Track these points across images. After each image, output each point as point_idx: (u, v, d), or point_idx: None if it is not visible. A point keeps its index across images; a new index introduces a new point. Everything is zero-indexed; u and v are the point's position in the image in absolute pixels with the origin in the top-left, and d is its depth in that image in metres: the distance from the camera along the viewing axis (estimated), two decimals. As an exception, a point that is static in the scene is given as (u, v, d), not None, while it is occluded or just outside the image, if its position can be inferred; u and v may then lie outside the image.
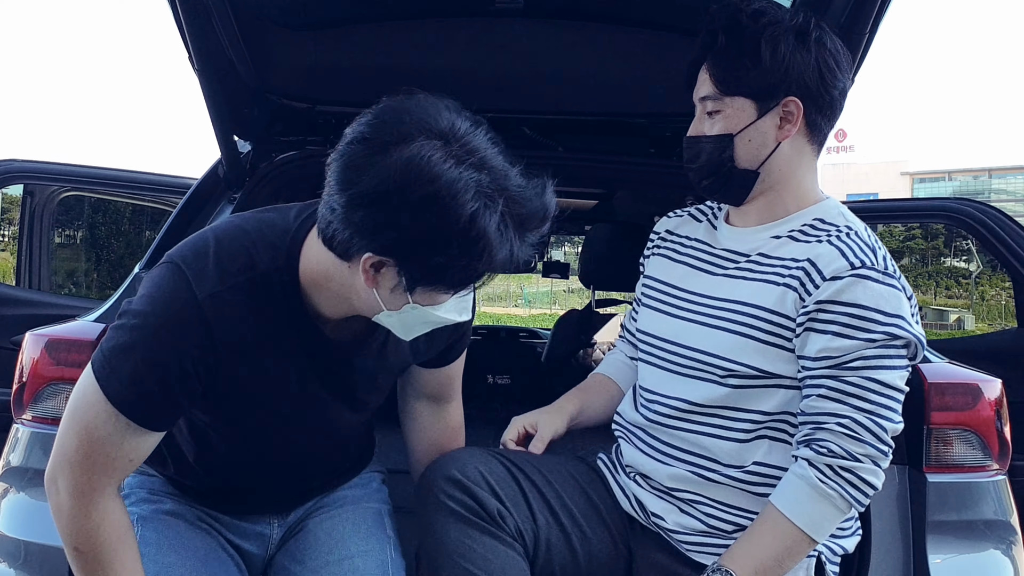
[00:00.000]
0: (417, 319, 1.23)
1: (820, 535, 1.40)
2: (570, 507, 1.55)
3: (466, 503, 1.45)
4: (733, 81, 1.47)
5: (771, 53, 1.43)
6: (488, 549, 1.45)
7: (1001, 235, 3.18)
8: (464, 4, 1.94)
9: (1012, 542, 1.72)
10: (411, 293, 1.18)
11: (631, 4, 1.91)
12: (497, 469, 1.52)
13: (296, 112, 2.18)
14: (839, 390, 1.37)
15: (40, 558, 1.65)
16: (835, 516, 1.39)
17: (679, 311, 1.55)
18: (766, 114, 1.46)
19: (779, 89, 1.45)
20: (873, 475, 1.38)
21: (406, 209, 1.10)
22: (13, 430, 1.80)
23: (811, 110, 1.46)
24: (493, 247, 1.13)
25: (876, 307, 1.37)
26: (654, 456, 1.54)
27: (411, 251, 1.13)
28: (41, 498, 1.73)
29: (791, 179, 1.51)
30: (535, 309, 24.85)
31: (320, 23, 2.01)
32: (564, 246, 13.14)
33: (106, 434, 1.23)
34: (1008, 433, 1.77)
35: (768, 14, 1.46)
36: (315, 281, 1.24)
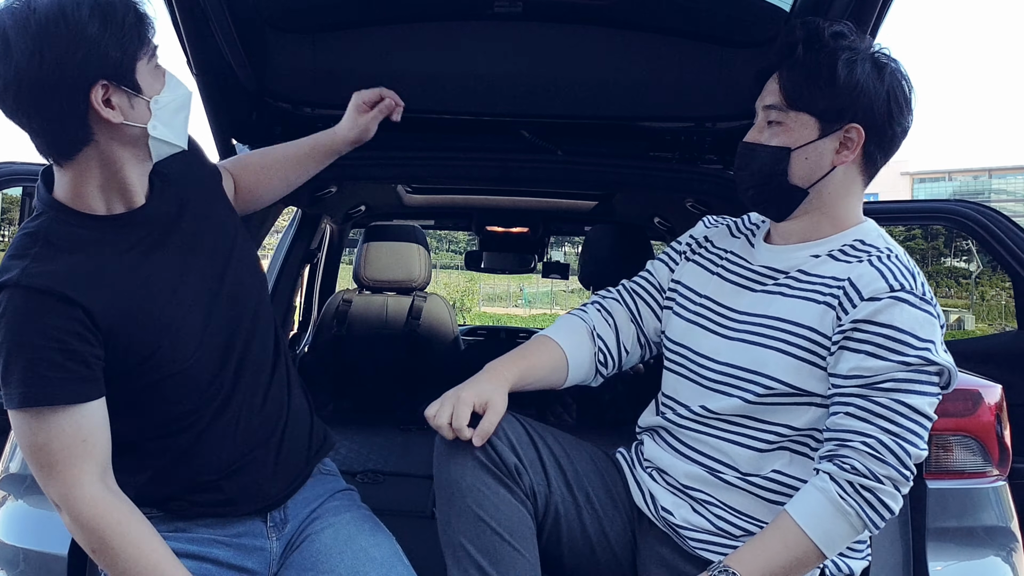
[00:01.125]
0: (166, 108, 1.35)
1: (831, 551, 1.39)
2: (586, 486, 1.57)
3: (486, 451, 1.47)
4: (802, 96, 1.46)
5: (846, 76, 1.42)
6: (501, 499, 1.46)
7: (1001, 237, 3.17)
8: (463, 8, 1.94)
9: (1012, 549, 1.72)
10: (140, 91, 1.32)
11: (630, 8, 1.91)
12: (519, 431, 1.53)
13: (295, 115, 2.18)
14: (867, 409, 1.36)
15: (38, 565, 1.65)
16: (849, 534, 1.38)
17: (715, 326, 1.55)
18: (827, 136, 1.45)
19: (845, 113, 1.44)
20: (892, 499, 1.36)
21: (29, 50, 1.24)
22: (11, 438, 1.80)
23: (871, 140, 1.45)
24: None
25: (911, 331, 1.36)
26: (673, 453, 1.55)
27: (102, 63, 1.27)
28: (40, 505, 1.74)
29: (837, 204, 1.50)
30: (535, 309, 24.85)
31: (318, 27, 2.00)
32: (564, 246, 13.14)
33: (44, 436, 1.28)
34: (1008, 438, 1.76)
35: (848, 37, 1.46)
36: (80, 192, 1.35)
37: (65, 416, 1.28)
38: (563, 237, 8.99)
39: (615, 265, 3.27)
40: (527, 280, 25.34)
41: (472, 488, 1.45)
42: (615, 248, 3.31)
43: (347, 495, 1.63)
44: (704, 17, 1.93)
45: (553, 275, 4.90)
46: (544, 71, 2.06)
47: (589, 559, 1.57)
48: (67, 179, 1.36)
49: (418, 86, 2.10)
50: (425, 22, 2.00)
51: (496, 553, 1.44)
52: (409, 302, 3.34)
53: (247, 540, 1.50)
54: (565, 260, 8.00)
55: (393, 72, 2.06)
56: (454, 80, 2.09)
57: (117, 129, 1.32)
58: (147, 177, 1.42)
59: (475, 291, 25.32)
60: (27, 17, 1.25)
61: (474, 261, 4.44)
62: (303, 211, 3.24)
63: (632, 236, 3.35)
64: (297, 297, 3.65)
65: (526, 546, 1.47)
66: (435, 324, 3.32)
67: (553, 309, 23.16)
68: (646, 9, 1.93)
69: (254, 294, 1.54)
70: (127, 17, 1.29)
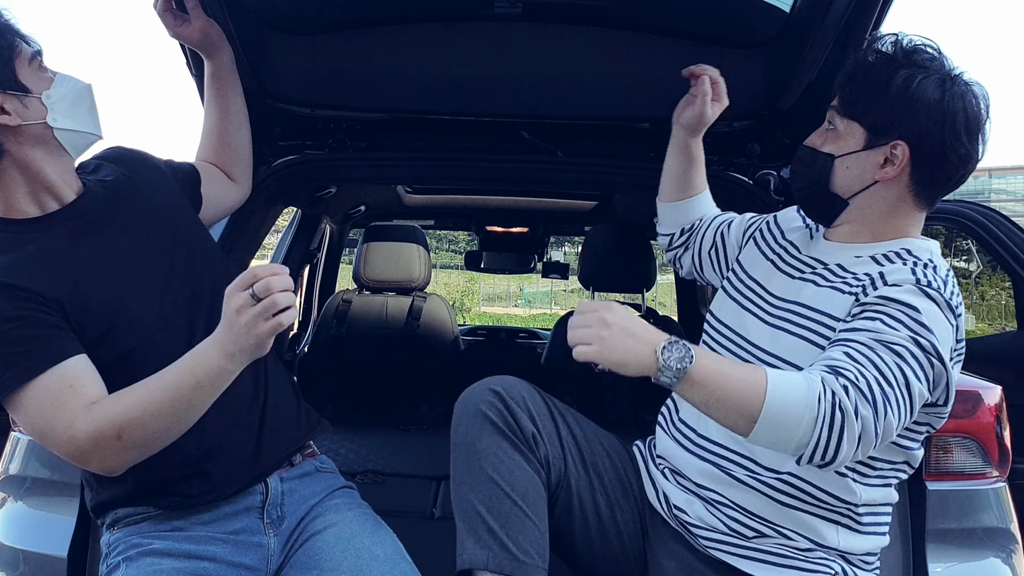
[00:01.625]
0: (61, 100, 1.43)
1: (764, 424, 1.23)
2: (600, 470, 1.58)
3: (504, 417, 1.49)
4: (855, 105, 1.43)
5: (899, 91, 1.38)
6: (516, 465, 1.48)
7: (1001, 237, 3.18)
8: (463, 8, 1.93)
9: (1012, 550, 1.72)
10: (28, 91, 1.39)
11: (629, 9, 1.90)
12: (539, 403, 1.55)
13: (295, 117, 2.17)
14: (868, 358, 1.27)
15: (38, 566, 1.65)
16: (792, 429, 1.23)
17: (752, 306, 1.55)
18: (872, 148, 1.42)
19: (892, 129, 1.40)
20: (849, 443, 1.23)
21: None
22: (12, 439, 1.80)
23: (919, 163, 1.40)
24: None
25: (927, 323, 1.30)
26: (688, 447, 1.55)
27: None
28: (39, 507, 1.74)
29: (881, 221, 1.47)
30: (535, 309, 24.83)
31: (319, 28, 2.00)
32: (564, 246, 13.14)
33: (35, 406, 1.32)
34: (1008, 439, 1.76)
35: (923, 55, 1.41)
36: (11, 203, 1.43)
37: (43, 379, 1.31)
38: (563, 237, 8.99)
39: (615, 265, 3.27)
40: (527, 280, 25.33)
41: (489, 452, 1.47)
42: (615, 248, 3.31)
43: (347, 493, 1.63)
44: (704, 18, 1.93)
45: (553, 275, 4.90)
46: (544, 72, 2.05)
47: (600, 542, 1.58)
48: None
49: (418, 87, 2.10)
50: (425, 23, 2.00)
51: (508, 517, 1.45)
52: (409, 302, 3.34)
53: (244, 537, 1.50)
54: (565, 260, 8.00)
55: (393, 73, 2.06)
56: (454, 81, 2.08)
57: (20, 132, 1.40)
58: (72, 173, 1.50)
59: (475, 291, 25.30)
60: None
61: (474, 261, 4.44)
62: (303, 211, 3.24)
63: (632, 236, 3.35)
64: (297, 297, 3.65)
65: (538, 514, 1.48)
66: (435, 324, 3.32)
67: (553, 309, 23.15)
68: (646, 10, 1.93)
69: (208, 276, 1.57)
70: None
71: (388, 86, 2.10)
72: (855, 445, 1.24)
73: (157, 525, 1.46)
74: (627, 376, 1.25)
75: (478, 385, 1.56)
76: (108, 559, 1.48)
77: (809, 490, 1.44)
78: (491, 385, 1.54)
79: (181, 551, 1.44)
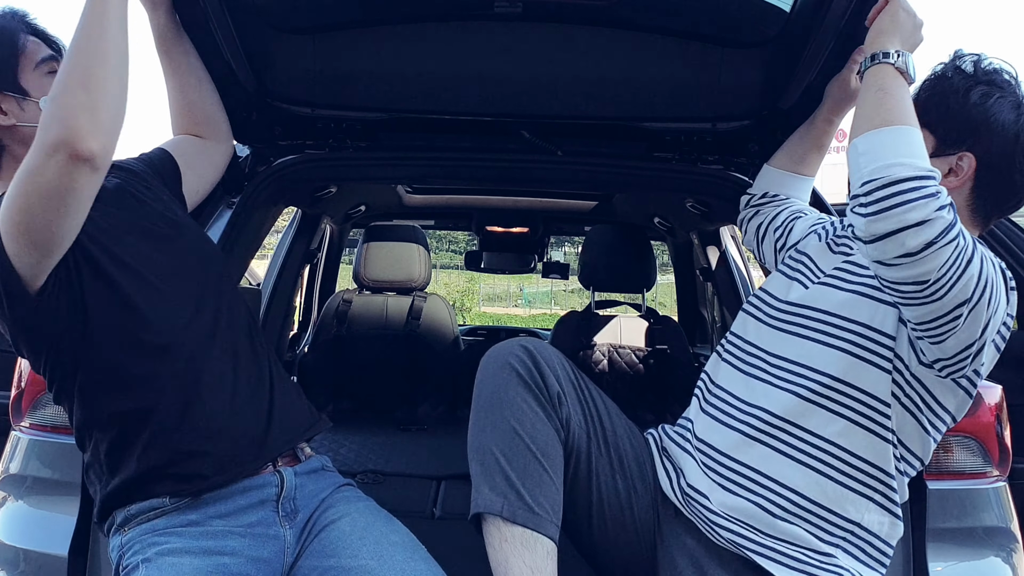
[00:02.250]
0: None
1: (893, 134, 1.32)
2: (621, 453, 1.58)
3: (532, 373, 1.50)
4: (930, 112, 1.47)
5: (975, 103, 1.43)
6: (538, 418, 1.49)
7: (1001, 237, 3.17)
8: (463, 8, 1.93)
9: (1012, 549, 1.72)
10: (28, 95, 1.47)
11: (630, 8, 1.90)
12: (567, 369, 1.57)
13: (295, 116, 2.17)
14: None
15: (38, 565, 1.65)
16: (904, 151, 1.30)
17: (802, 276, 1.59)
18: (939, 156, 1.46)
19: (963, 140, 1.44)
20: (920, 210, 1.24)
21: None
22: (12, 438, 1.80)
23: (983, 177, 1.45)
24: None
25: (987, 280, 1.31)
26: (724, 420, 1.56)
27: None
28: (40, 506, 1.74)
29: None
30: (535, 309, 24.84)
31: (319, 27, 2.00)
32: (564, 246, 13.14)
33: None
34: (1008, 438, 1.76)
35: (1004, 75, 1.47)
36: None
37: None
38: (563, 237, 8.98)
39: (615, 265, 3.27)
40: (527, 280, 25.34)
41: (512, 403, 1.47)
42: (615, 248, 3.31)
43: (351, 489, 1.64)
44: (704, 18, 1.93)
45: (553, 275, 4.90)
46: (544, 71, 2.05)
47: (613, 527, 1.57)
48: (3, 190, 1.46)
49: (418, 86, 2.10)
50: (425, 22, 1.99)
51: (526, 469, 1.45)
52: (409, 302, 3.34)
53: (260, 529, 1.50)
54: (565, 260, 7.99)
55: (393, 73, 2.06)
56: (454, 80, 2.08)
57: (17, 131, 1.48)
58: None
59: (475, 291, 25.31)
60: None
61: (474, 261, 4.44)
62: (303, 211, 3.24)
63: (632, 236, 3.35)
64: (297, 297, 3.65)
65: (555, 470, 1.48)
66: (435, 324, 3.32)
67: (553, 309, 23.15)
68: (646, 9, 1.93)
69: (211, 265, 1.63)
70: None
71: (388, 86, 2.10)
72: (924, 214, 1.23)
73: (172, 520, 1.46)
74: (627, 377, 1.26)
75: (508, 341, 1.57)
76: (124, 559, 1.46)
77: (850, 459, 1.45)
78: (522, 342, 1.56)
79: (200, 548, 1.44)
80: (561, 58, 2.02)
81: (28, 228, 1.33)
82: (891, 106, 1.34)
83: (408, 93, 2.12)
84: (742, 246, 3.24)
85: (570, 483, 1.54)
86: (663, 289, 8.24)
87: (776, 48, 1.92)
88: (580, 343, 3.24)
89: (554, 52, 2.01)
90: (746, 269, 3.14)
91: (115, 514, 1.50)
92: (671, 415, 2.88)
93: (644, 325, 3.31)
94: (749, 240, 1.94)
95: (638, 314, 3.40)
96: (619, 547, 1.58)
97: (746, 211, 1.95)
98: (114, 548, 1.50)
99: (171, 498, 1.47)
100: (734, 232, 3.24)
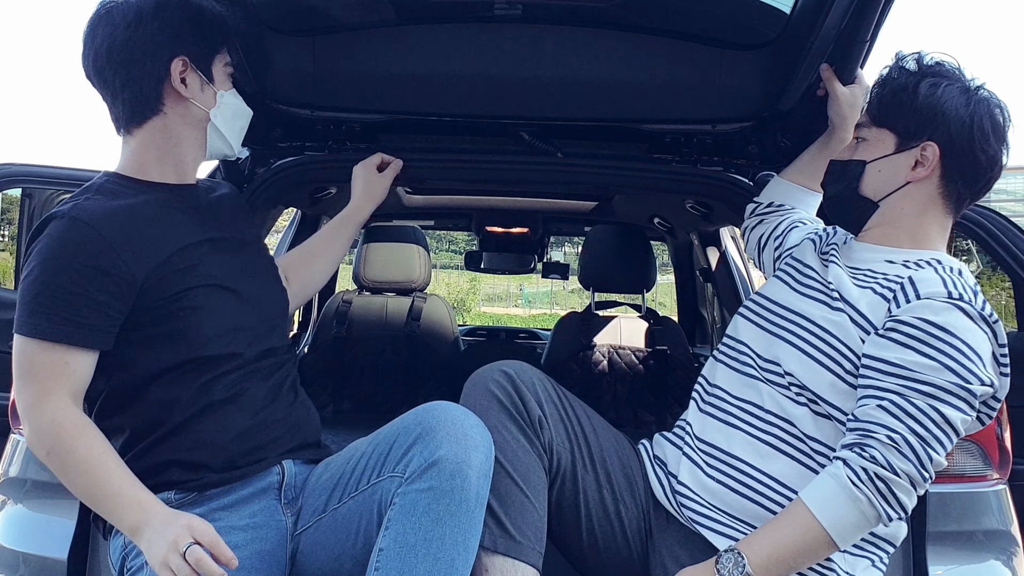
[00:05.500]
0: (228, 107, 1.61)
1: (843, 540, 1.39)
2: (607, 465, 1.59)
3: (512, 398, 1.52)
4: (885, 113, 1.53)
5: (926, 94, 1.47)
6: (519, 446, 1.50)
7: (1001, 237, 3.17)
8: (463, 10, 1.93)
9: (1013, 552, 1.72)
10: (213, 82, 1.58)
11: (630, 10, 1.90)
12: (550, 392, 1.58)
13: (295, 118, 2.17)
14: (902, 408, 1.37)
15: (38, 569, 1.65)
16: (861, 523, 1.38)
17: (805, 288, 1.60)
18: (903, 151, 1.51)
19: (923, 131, 1.48)
20: (907, 494, 1.37)
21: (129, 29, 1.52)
22: (11, 441, 1.80)
23: (949, 163, 1.49)
24: None
25: (964, 339, 1.38)
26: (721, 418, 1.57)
27: (184, 44, 1.55)
28: (40, 509, 1.74)
29: (913, 223, 1.53)
30: (535, 309, 24.83)
31: (318, 29, 2.00)
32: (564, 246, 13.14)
33: (38, 360, 1.42)
34: (1008, 441, 1.76)
35: (946, 67, 1.52)
36: (141, 161, 1.57)
37: (52, 348, 1.42)
38: (563, 237, 8.99)
39: (615, 265, 3.27)
40: (527, 280, 25.32)
41: (493, 430, 1.48)
42: (615, 248, 3.31)
43: None
44: (704, 19, 1.93)
45: (553, 275, 4.90)
46: (544, 73, 2.05)
47: (604, 540, 1.58)
48: (129, 150, 1.58)
49: (418, 88, 2.10)
50: (425, 24, 1.99)
51: (508, 497, 1.46)
52: (409, 303, 3.34)
53: (263, 518, 1.51)
54: (565, 260, 7.99)
55: (393, 74, 2.06)
56: (454, 82, 2.08)
57: (185, 105, 1.57)
58: (196, 167, 1.65)
59: (476, 291, 25.31)
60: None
61: (474, 261, 4.44)
62: (303, 212, 3.24)
63: (632, 236, 3.35)
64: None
65: (538, 497, 1.49)
66: (435, 325, 3.32)
67: (553, 309, 23.13)
68: (646, 11, 1.93)
69: (276, 296, 1.71)
70: (213, 21, 1.60)
71: (388, 87, 2.10)
72: (912, 492, 1.37)
73: None
74: (627, 377, 1.27)
75: (490, 365, 1.58)
76: (128, 561, 1.47)
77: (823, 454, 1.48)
78: (503, 367, 1.56)
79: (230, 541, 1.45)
80: (561, 60, 2.01)
81: None
82: (804, 556, 1.41)
83: (408, 95, 2.11)
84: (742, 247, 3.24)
85: (557, 504, 1.55)
86: (663, 289, 8.24)
87: (776, 50, 1.92)
88: (580, 344, 3.23)
89: (554, 54, 2.01)
90: (746, 270, 3.14)
91: None
92: (671, 416, 2.88)
93: (644, 326, 3.31)
94: (750, 250, 1.93)
95: (638, 315, 3.40)
96: (611, 559, 1.59)
97: (750, 220, 1.94)
98: (116, 550, 1.50)
99: (176, 493, 1.48)
100: (734, 233, 3.24)
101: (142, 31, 1.52)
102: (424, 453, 1.36)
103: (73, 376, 1.43)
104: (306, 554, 1.52)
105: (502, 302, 27.01)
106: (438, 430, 1.38)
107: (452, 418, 1.40)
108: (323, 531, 1.50)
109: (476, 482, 1.36)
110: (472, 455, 1.36)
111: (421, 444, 1.38)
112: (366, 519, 1.44)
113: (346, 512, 1.47)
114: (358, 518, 1.45)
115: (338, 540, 1.48)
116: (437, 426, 1.39)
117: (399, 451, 1.41)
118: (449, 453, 1.35)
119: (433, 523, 1.33)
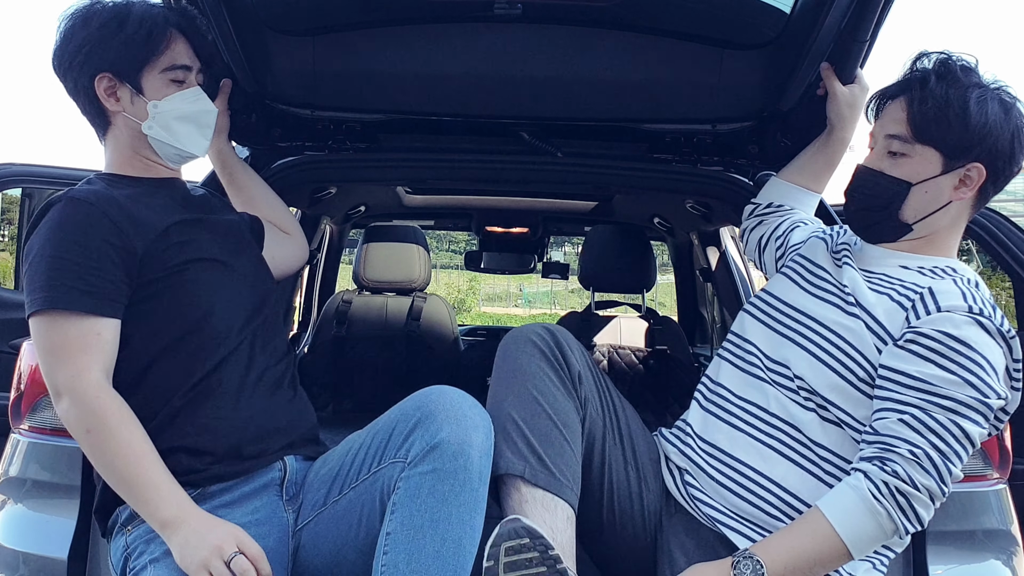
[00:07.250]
0: (165, 114, 1.57)
1: (858, 551, 1.39)
2: (635, 446, 1.59)
3: (554, 351, 1.52)
4: (930, 131, 1.45)
5: (977, 114, 1.42)
6: (559, 391, 1.50)
7: (1001, 237, 3.17)
8: (463, 9, 1.93)
9: (1013, 552, 1.71)
10: (142, 93, 1.56)
11: (630, 10, 1.90)
12: (588, 360, 1.58)
13: (295, 118, 2.17)
14: (923, 422, 1.36)
15: (38, 568, 1.65)
16: (878, 535, 1.38)
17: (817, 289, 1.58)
18: (949, 172, 1.46)
19: (971, 152, 1.43)
20: (926, 508, 1.37)
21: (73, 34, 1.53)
22: (11, 440, 1.80)
23: (990, 179, 1.46)
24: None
25: (984, 354, 1.37)
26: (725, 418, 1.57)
27: (105, 59, 1.54)
28: (39, 509, 1.74)
29: (942, 235, 1.52)
30: (535, 309, 24.83)
31: (318, 28, 2.00)
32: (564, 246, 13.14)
33: (62, 335, 1.42)
34: (1008, 441, 1.76)
35: (975, 73, 1.47)
36: (119, 161, 1.62)
37: (81, 319, 1.43)
38: (563, 237, 8.99)
39: (615, 265, 3.27)
40: (527, 280, 25.33)
41: (535, 375, 1.49)
42: (615, 248, 3.31)
43: None
44: (704, 19, 1.93)
45: (553, 275, 4.90)
46: (544, 73, 2.05)
47: (621, 518, 1.57)
48: (107, 153, 1.63)
49: (418, 88, 2.09)
50: (425, 24, 1.99)
51: (547, 435, 1.46)
52: (409, 302, 3.34)
53: (265, 514, 1.51)
54: (565, 260, 7.99)
55: (393, 74, 2.06)
56: (454, 82, 2.08)
57: (123, 118, 1.58)
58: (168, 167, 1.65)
59: (476, 291, 25.31)
60: (83, 9, 1.56)
61: (474, 261, 4.44)
62: (303, 211, 3.24)
63: (632, 236, 3.35)
64: (297, 297, 3.64)
65: (575, 441, 1.49)
66: (435, 324, 3.32)
67: (553, 309, 23.14)
68: (646, 11, 1.93)
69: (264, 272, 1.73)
70: (137, 32, 1.54)
71: (388, 87, 2.10)
72: (931, 507, 1.38)
73: None
74: (627, 377, 1.27)
75: (530, 324, 1.59)
76: (131, 561, 1.46)
77: (845, 466, 1.46)
78: (545, 325, 1.58)
79: None
80: (561, 59, 2.01)
81: None
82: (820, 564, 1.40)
83: (408, 94, 2.11)
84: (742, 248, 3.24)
85: (585, 468, 1.53)
86: (663, 289, 8.25)
87: (776, 49, 1.92)
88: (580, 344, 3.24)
89: (554, 53, 2.01)
90: (746, 270, 3.14)
91: (118, 511, 1.50)
92: (671, 415, 2.88)
93: (644, 326, 3.31)
94: (750, 251, 1.92)
95: (638, 315, 3.40)
96: (623, 536, 1.58)
97: (750, 220, 1.93)
98: (117, 550, 1.49)
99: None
100: (734, 232, 3.24)
101: (71, 46, 1.55)
102: (425, 437, 1.38)
103: (106, 348, 1.44)
104: (308, 549, 1.52)
105: (502, 302, 27.02)
106: (437, 413, 1.39)
107: (450, 401, 1.41)
108: (324, 524, 1.50)
109: (478, 461, 1.37)
110: (473, 435, 1.37)
111: (421, 428, 1.39)
112: (368, 508, 1.44)
113: (347, 503, 1.48)
114: (359, 508, 1.45)
115: (340, 531, 1.48)
116: (436, 409, 1.40)
117: (399, 437, 1.42)
118: (450, 435, 1.36)
119: (439, 504, 1.34)
